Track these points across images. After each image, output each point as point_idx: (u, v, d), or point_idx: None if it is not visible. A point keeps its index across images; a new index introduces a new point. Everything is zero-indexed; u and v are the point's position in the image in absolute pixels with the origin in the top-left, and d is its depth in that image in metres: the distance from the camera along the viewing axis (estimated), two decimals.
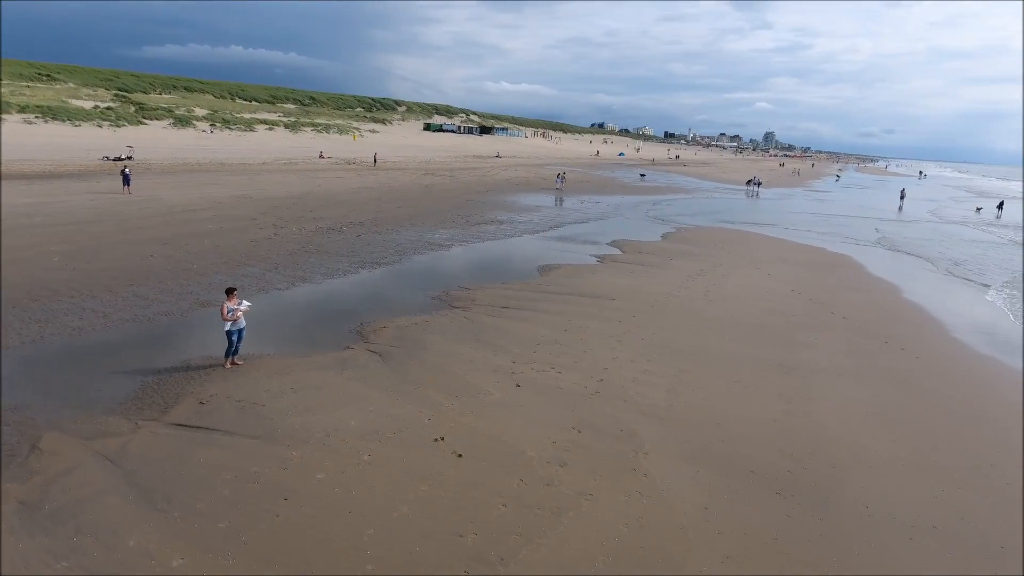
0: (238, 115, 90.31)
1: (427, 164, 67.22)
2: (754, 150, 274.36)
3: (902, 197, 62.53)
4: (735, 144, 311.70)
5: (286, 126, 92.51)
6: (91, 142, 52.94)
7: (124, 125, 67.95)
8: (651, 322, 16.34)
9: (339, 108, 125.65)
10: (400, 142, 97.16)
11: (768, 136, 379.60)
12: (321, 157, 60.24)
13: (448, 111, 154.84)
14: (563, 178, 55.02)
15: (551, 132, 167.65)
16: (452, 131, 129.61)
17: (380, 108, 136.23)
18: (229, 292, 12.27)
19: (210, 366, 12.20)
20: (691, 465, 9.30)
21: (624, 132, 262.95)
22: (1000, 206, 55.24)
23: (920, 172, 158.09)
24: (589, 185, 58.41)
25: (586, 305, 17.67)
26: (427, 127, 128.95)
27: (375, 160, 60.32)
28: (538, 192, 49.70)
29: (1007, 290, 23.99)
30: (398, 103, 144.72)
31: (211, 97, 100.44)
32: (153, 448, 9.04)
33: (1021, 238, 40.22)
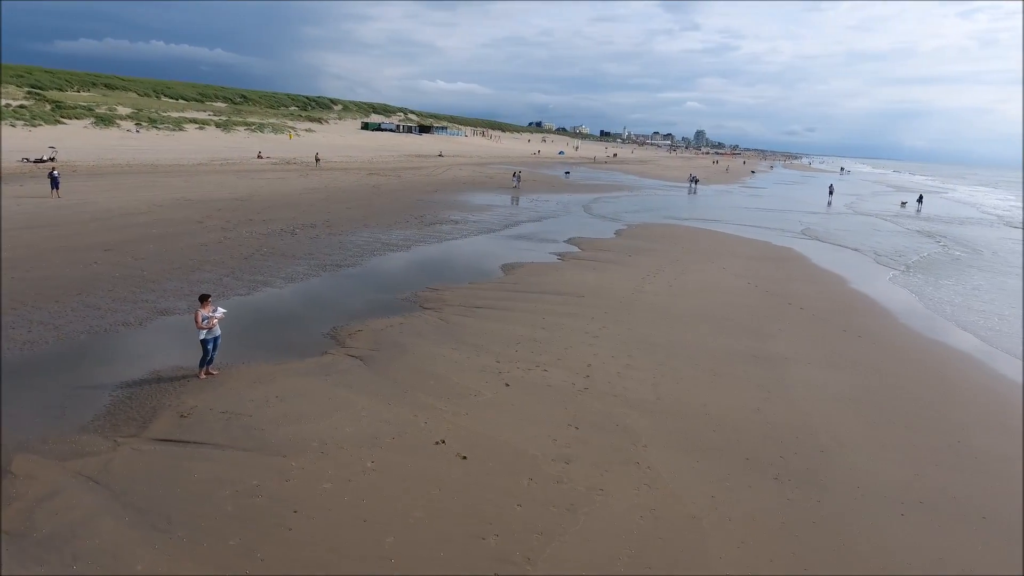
0: (165, 114, 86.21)
1: (370, 164, 66.09)
2: (687, 148, 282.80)
3: (831, 193, 65.74)
4: (668, 142, 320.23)
5: (218, 125, 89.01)
6: (6, 143, 49.37)
7: (40, 124, 63.73)
8: (623, 318, 16.62)
9: (272, 107, 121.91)
10: (339, 141, 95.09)
11: (699, 134, 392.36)
12: (260, 157, 58.28)
13: (386, 110, 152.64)
14: (519, 177, 55.45)
15: (491, 131, 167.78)
16: (391, 130, 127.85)
17: (315, 107, 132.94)
18: (203, 299, 11.72)
19: (183, 377, 11.63)
20: (689, 456, 9.53)
21: (561, 131, 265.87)
22: (920, 200, 58.96)
23: (841, 168, 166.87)
24: (536, 184, 58.78)
25: (557, 303, 17.80)
26: (365, 126, 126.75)
27: (317, 160, 58.82)
28: (486, 191, 49.69)
29: (938, 278, 25.62)
30: (334, 102, 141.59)
31: (134, 95, 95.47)
32: (139, 466, 8.55)
33: (937, 229, 43.10)
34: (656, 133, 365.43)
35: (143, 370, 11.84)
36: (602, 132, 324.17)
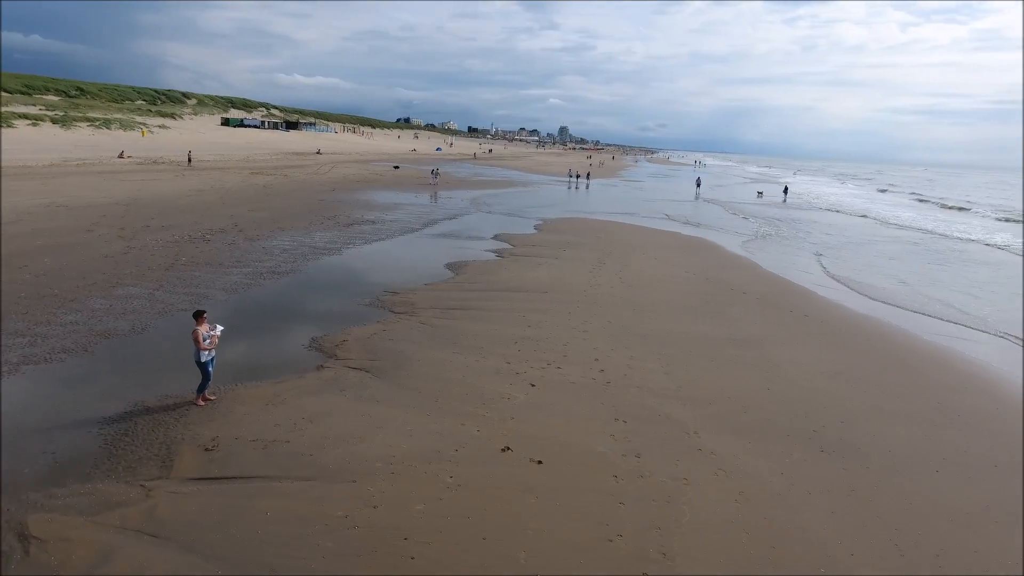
0: None
1: (248, 162, 61.79)
2: (554, 144, 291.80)
3: (698, 185, 70.84)
4: (536, 138, 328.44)
5: (54, 121, 78.51)
6: None
7: None
8: (597, 311, 16.97)
9: (116, 100, 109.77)
10: (200, 139, 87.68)
11: (563, 130, 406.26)
12: (122, 157, 52.43)
13: (246, 105, 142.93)
14: (437, 174, 55.26)
15: (361, 127, 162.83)
16: (255, 126, 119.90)
17: (166, 101, 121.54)
18: (199, 316, 10.44)
19: (176, 405, 10.33)
20: (739, 438, 10.00)
21: (430, 127, 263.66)
22: (785, 191, 65.36)
23: (696, 161, 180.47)
24: (427, 182, 58.01)
25: (525, 300, 17.80)
26: (225, 122, 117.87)
27: (190, 159, 53.98)
28: (384, 189, 48.39)
29: (836, 259, 28.61)
30: (187, 95, 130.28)
31: None
32: (191, 510, 7.51)
33: (807, 216, 48.12)
34: (523, 129, 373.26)
35: (123, 402, 10.35)
36: (470, 128, 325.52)
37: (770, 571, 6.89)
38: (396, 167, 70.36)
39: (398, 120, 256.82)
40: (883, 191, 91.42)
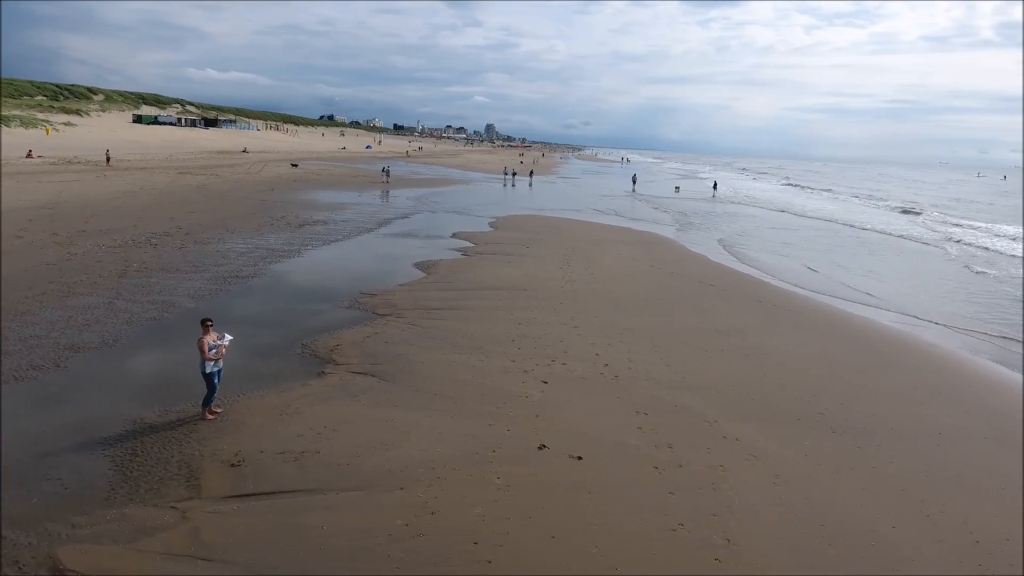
0: None
1: (172, 162, 58.51)
2: (482, 141, 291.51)
3: (634, 181, 72.72)
4: (464, 136, 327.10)
5: None
6: None
7: None
8: (581, 307, 17.17)
9: (12, 96, 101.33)
10: (112, 137, 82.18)
11: (489, 128, 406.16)
12: (31, 156, 48.47)
13: (158, 101, 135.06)
14: (388, 172, 55.01)
15: (285, 125, 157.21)
16: (171, 124, 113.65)
17: (69, 96, 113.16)
18: (205, 324, 9.85)
19: (181, 421, 9.74)
20: (755, 424, 10.39)
21: (355, 124, 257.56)
22: (715, 186, 68.06)
23: (623, 158, 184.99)
24: (368, 181, 56.80)
25: (507, 298, 17.79)
26: (138, 119, 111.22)
27: (108, 159, 50.56)
28: (324, 189, 47.08)
29: (780, 253, 30.11)
30: (92, 91, 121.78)
31: None
32: (239, 530, 7.11)
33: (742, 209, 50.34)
34: (449, 127, 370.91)
35: (121, 420, 9.66)
36: (395, 126, 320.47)
37: (827, 549, 7.23)
38: (295, 165, 66.15)
39: (321, 117, 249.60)
40: (796, 186, 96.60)
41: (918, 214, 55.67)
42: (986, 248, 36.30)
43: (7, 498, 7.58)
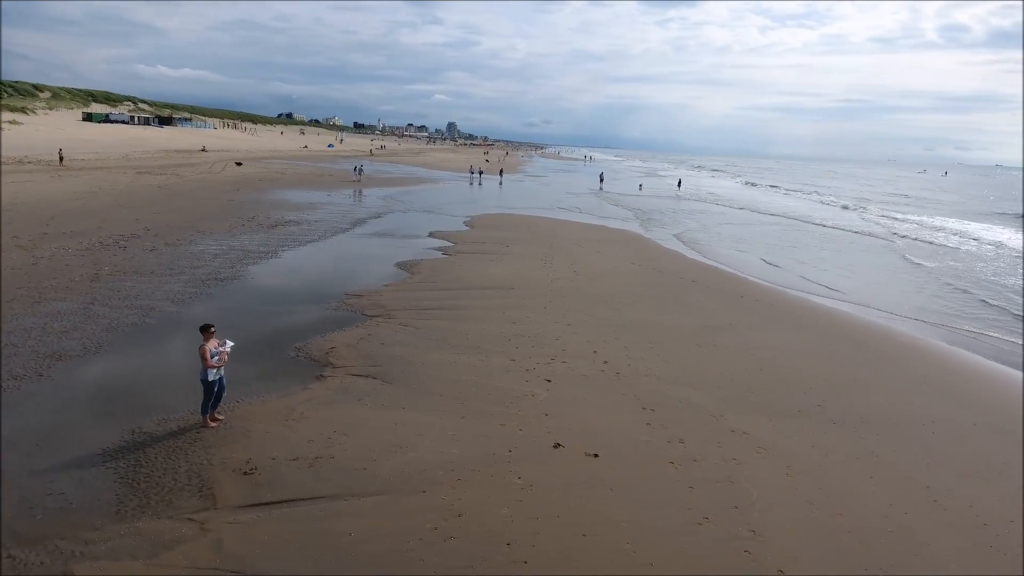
0: None
1: (129, 161, 56.52)
2: (444, 140, 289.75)
3: (601, 179, 73.40)
4: (426, 135, 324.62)
5: None
6: None
7: None
8: (569, 305, 17.23)
9: None
10: (62, 135, 78.85)
11: (451, 126, 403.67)
12: None
13: (109, 99, 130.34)
14: (360, 171, 54.65)
15: (243, 123, 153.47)
16: (124, 122, 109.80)
17: (14, 93, 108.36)
18: (206, 330, 9.54)
19: (180, 430, 9.43)
20: (759, 417, 10.60)
21: (315, 123, 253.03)
22: (679, 184, 69.27)
23: (585, 156, 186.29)
24: (336, 180, 55.94)
25: (496, 297, 17.75)
26: (88, 117, 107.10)
27: (61, 158, 48.58)
28: (291, 188, 46.12)
29: (751, 248, 30.76)
30: (38, 87, 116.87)
31: None
32: (264, 540, 6.92)
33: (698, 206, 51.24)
34: (411, 125, 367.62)
35: (117, 430, 9.31)
36: (356, 124, 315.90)
37: (847, 537, 7.43)
38: (239, 164, 62.13)
39: (280, 115, 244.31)
40: (756, 184, 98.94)
41: (865, 209, 57.81)
42: (930, 242, 37.88)
43: (7, 516, 7.22)
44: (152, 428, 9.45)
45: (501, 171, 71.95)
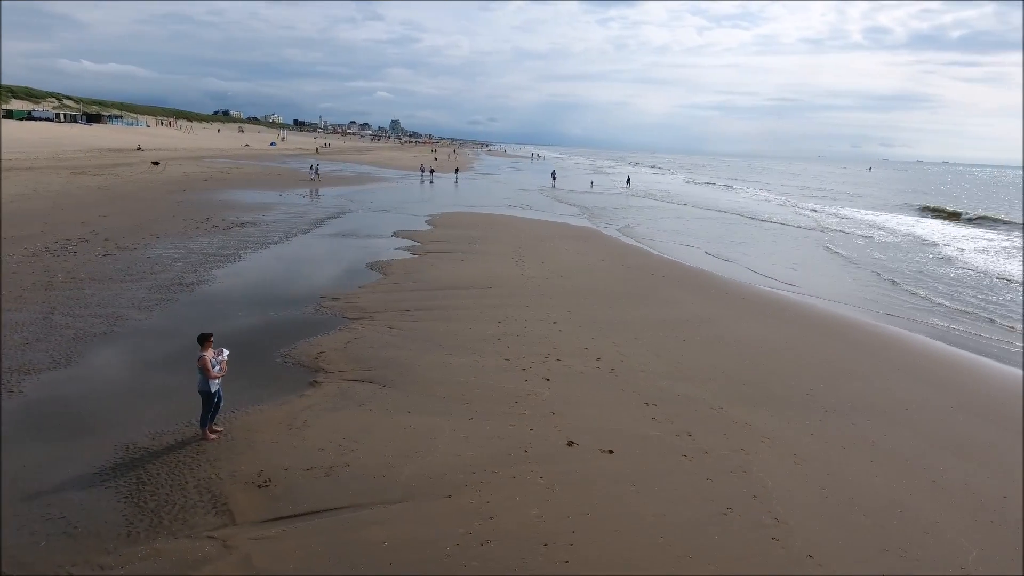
0: None
1: (61, 161, 53.41)
2: (388, 138, 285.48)
3: (553, 177, 73.89)
4: (369, 132, 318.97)
5: None
6: None
7: None
8: (550, 303, 17.31)
9: None
10: None
11: (394, 124, 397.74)
12: None
13: (31, 95, 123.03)
14: (316, 170, 53.99)
15: (178, 120, 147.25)
16: (48, 119, 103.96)
17: None
18: (204, 340, 9.13)
19: (178, 444, 9.02)
20: (756, 408, 10.92)
21: (253, 120, 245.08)
22: (628, 181, 70.53)
23: (532, 154, 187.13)
24: (285, 179, 54.42)
25: (476, 297, 17.67)
26: (9, 114, 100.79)
27: None
28: (240, 188, 44.64)
29: (705, 241, 31.61)
30: None
31: None
32: (294, 554, 6.69)
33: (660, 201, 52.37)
34: (353, 123, 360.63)
35: (109, 447, 8.81)
36: (296, 121, 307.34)
37: (863, 521, 7.75)
38: (155, 163, 57.25)
39: (216, 113, 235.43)
40: (698, 183, 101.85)
41: (798, 204, 60.46)
42: (858, 235, 39.82)
43: (6, 546, 6.74)
44: (147, 443, 8.98)
45: (457, 169, 71.72)
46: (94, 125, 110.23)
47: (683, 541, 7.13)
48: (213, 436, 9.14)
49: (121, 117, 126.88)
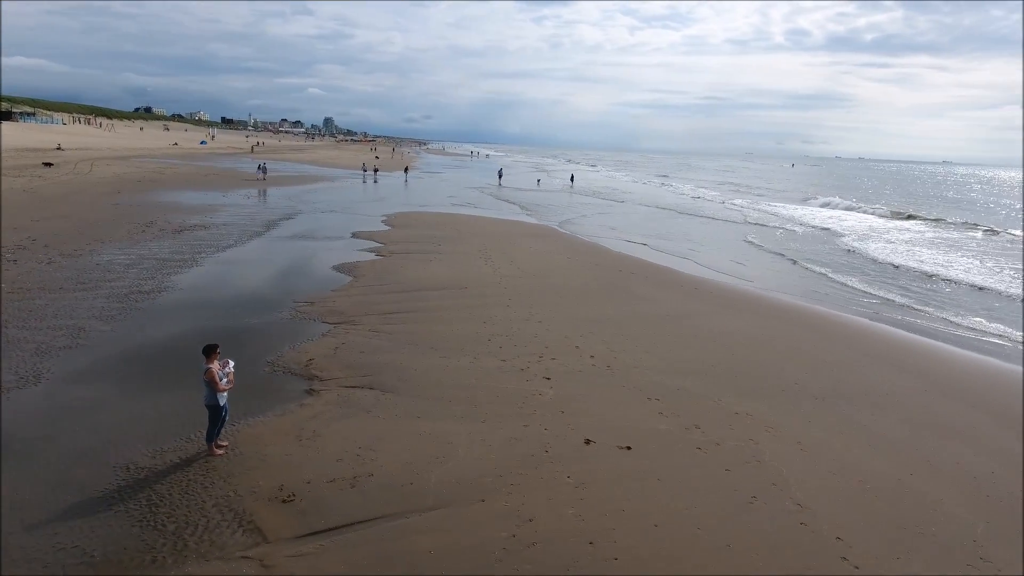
0: None
1: None
2: (322, 136, 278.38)
3: (500, 176, 73.95)
4: (302, 130, 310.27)
5: None
6: None
7: None
8: (528, 301, 17.37)
9: None
10: None
11: (328, 121, 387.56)
12: None
13: None
14: (264, 170, 53.06)
15: (97, 118, 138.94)
16: None
17: None
18: (210, 352, 8.70)
19: (184, 462, 8.61)
20: (753, 399, 11.31)
21: (178, 118, 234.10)
22: (572, 179, 71.46)
23: (472, 152, 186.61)
24: (225, 179, 52.32)
25: (454, 297, 17.55)
26: None
27: None
28: (179, 189, 42.62)
29: (670, 241, 32.42)
30: None
31: None
32: (339, 569, 6.53)
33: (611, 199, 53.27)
34: (284, 120, 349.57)
35: (108, 468, 8.32)
36: (224, 119, 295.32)
37: (876, 503, 8.19)
38: (48, 164, 49.87)
39: (137, 110, 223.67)
40: (641, 182, 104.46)
41: (730, 200, 63.04)
42: (784, 227, 41.82)
43: None
44: (148, 462, 8.51)
45: (407, 168, 70.73)
46: (5, 123, 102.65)
47: (719, 532, 7.33)
48: (220, 451, 8.75)
49: (34, 114, 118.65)
